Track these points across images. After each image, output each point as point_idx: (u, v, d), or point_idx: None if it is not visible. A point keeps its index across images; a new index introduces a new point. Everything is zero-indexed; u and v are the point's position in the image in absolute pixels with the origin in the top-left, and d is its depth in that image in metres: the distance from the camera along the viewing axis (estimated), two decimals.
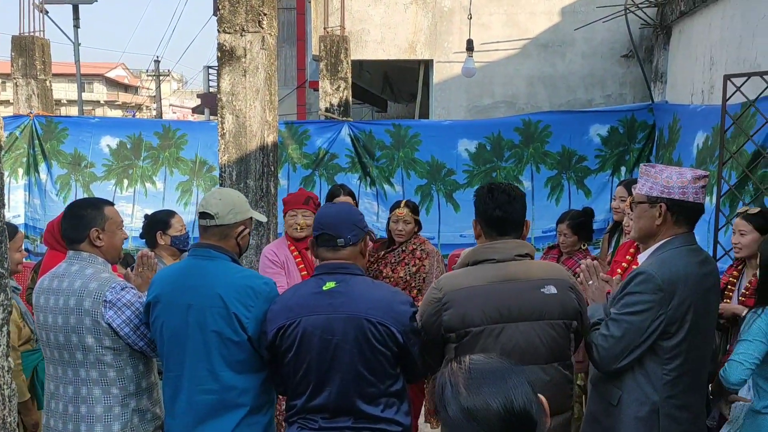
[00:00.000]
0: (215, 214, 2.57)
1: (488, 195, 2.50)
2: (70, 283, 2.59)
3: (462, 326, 2.35)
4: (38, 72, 8.10)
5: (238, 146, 4.39)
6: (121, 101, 50.91)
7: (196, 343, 2.48)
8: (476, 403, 1.27)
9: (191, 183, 7.32)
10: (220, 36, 4.34)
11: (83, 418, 2.58)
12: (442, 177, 7.20)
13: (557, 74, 8.55)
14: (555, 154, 7.12)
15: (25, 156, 7.28)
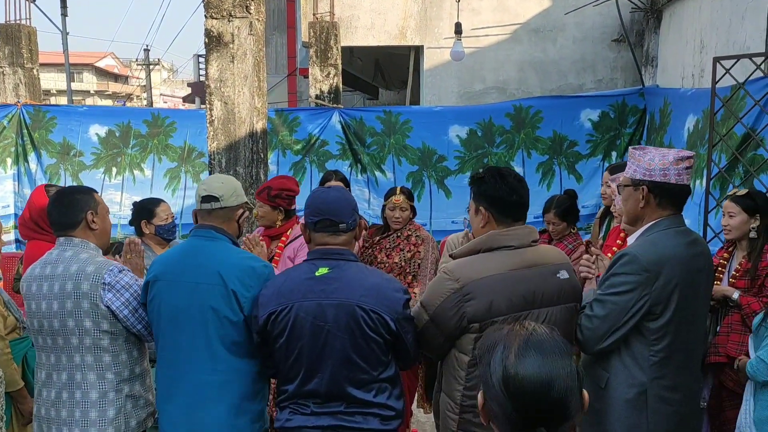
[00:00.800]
0: (220, 197, 2.62)
1: (501, 181, 2.41)
2: (66, 268, 2.58)
3: (488, 316, 2.27)
4: (25, 60, 8.02)
5: (227, 133, 4.37)
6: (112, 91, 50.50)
7: (194, 322, 2.49)
8: (518, 370, 1.24)
9: (179, 169, 7.29)
10: (207, 22, 4.30)
11: (77, 403, 2.57)
12: (433, 163, 7.19)
13: (548, 59, 8.53)
14: (546, 140, 7.12)
15: (13, 146, 7.22)
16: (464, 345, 2.34)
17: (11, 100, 7.86)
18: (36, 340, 2.68)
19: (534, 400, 1.23)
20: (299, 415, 2.37)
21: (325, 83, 8.07)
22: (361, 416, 2.33)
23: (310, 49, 8.22)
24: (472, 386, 2.33)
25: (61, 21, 18.21)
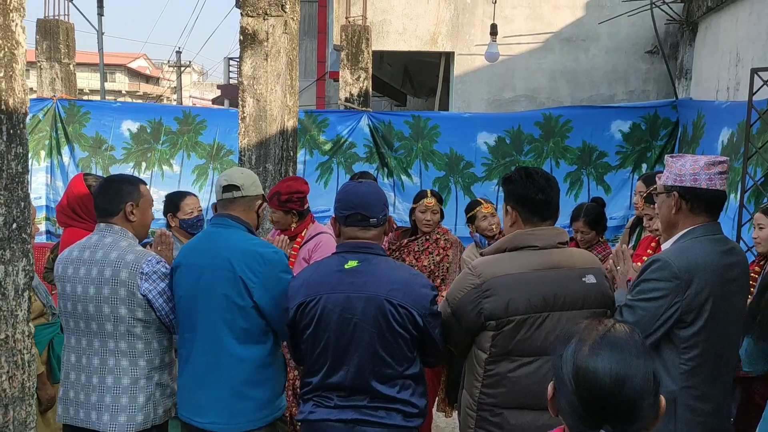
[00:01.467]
0: (241, 185, 2.67)
1: (527, 179, 2.41)
2: (105, 254, 2.62)
3: (505, 314, 2.27)
4: (62, 56, 8.18)
5: (258, 130, 4.40)
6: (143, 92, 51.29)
7: (205, 305, 2.54)
8: (589, 364, 1.22)
9: (207, 166, 7.36)
10: (243, 19, 4.35)
11: (108, 389, 2.60)
12: (460, 169, 7.16)
13: (580, 69, 8.47)
14: (575, 150, 7.06)
15: (47, 138, 7.35)
16: (482, 342, 2.33)
17: (47, 94, 8.01)
18: (67, 323, 2.71)
19: (602, 397, 1.21)
20: (322, 408, 2.37)
21: (355, 86, 8.10)
22: (384, 411, 2.32)
23: (341, 53, 8.26)
24: (489, 384, 2.33)
25: (98, 21, 18.55)
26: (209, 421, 2.54)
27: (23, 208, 1.84)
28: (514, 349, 2.29)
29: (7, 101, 1.74)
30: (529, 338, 2.28)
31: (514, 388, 2.30)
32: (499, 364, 2.31)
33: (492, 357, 2.31)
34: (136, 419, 2.60)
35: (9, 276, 1.80)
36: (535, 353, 2.29)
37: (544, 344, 2.29)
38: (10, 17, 1.72)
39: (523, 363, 2.29)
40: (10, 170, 1.77)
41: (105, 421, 2.58)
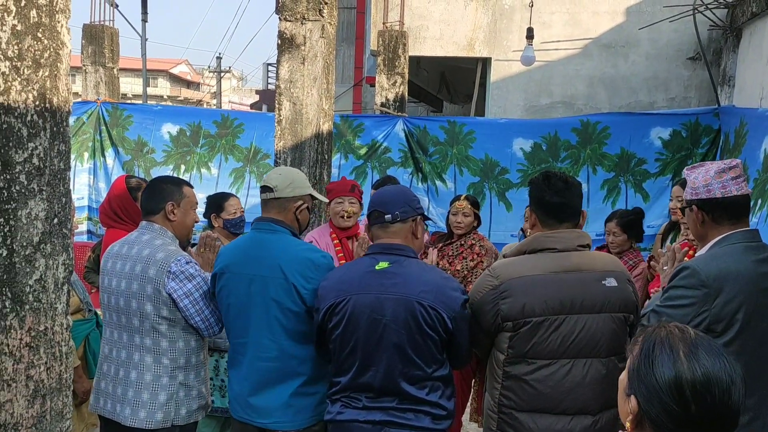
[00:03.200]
0: (274, 187, 2.66)
1: (544, 182, 2.43)
2: (139, 250, 2.67)
3: (521, 316, 2.28)
4: (107, 60, 8.39)
5: (294, 133, 4.45)
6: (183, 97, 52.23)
7: (258, 312, 2.54)
8: (696, 372, 1.20)
9: (244, 169, 7.46)
10: (281, 24, 4.41)
11: (132, 383, 2.64)
12: (495, 175, 7.13)
13: (619, 75, 8.36)
14: (613, 156, 6.96)
15: (90, 141, 7.54)
16: (500, 343, 2.34)
17: (92, 97, 8.22)
18: (105, 314, 2.78)
19: (714, 404, 1.19)
20: (351, 408, 2.38)
21: (391, 92, 8.12)
22: (412, 413, 2.32)
23: (378, 58, 8.30)
24: (508, 386, 2.33)
25: (141, 27, 18.99)
26: (273, 421, 2.55)
27: (64, 204, 1.89)
28: (531, 351, 2.28)
29: (51, 99, 1.80)
30: (546, 341, 2.27)
31: (531, 391, 2.29)
32: (517, 366, 2.31)
33: (509, 359, 2.31)
34: (156, 416, 2.61)
35: (49, 269, 1.85)
36: (552, 356, 2.28)
37: (561, 347, 2.27)
38: (56, 18, 1.78)
39: (541, 366, 2.28)
40: (53, 167, 1.82)
41: (126, 415, 2.62)
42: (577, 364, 2.28)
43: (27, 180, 1.75)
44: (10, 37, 1.67)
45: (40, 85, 1.76)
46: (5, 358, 1.74)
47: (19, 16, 1.69)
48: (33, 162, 1.76)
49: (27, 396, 1.82)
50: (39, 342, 1.84)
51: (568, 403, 2.28)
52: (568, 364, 2.28)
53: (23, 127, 1.73)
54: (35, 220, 1.79)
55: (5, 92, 1.68)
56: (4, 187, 1.69)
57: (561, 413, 2.28)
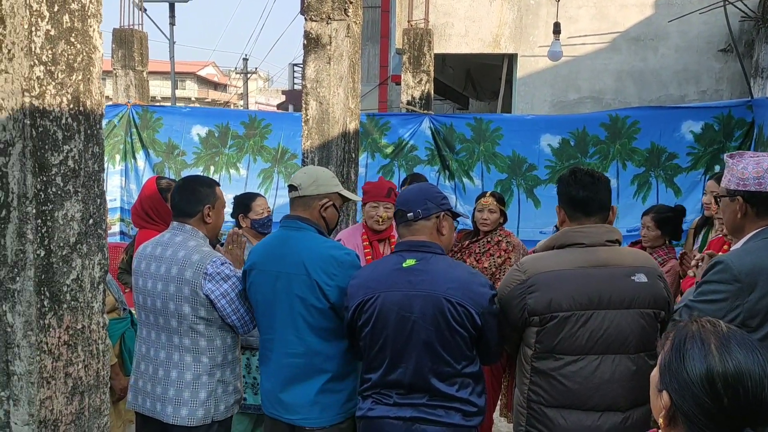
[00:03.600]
0: (298, 185, 2.69)
1: (571, 177, 2.43)
2: (174, 252, 2.71)
3: (547, 311, 2.27)
4: (136, 64, 8.53)
5: (321, 132, 4.47)
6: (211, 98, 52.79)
7: (283, 308, 2.57)
8: (728, 366, 1.20)
9: (273, 170, 7.52)
10: (306, 24, 4.43)
11: (173, 382, 2.68)
12: (522, 172, 7.07)
13: (648, 69, 8.24)
14: (643, 151, 6.85)
15: (122, 143, 7.68)
16: (528, 338, 2.33)
17: (122, 100, 8.37)
18: (139, 314, 2.82)
19: (749, 398, 1.18)
20: (382, 405, 2.38)
21: (417, 89, 8.12)
22: (443, 410, 2.32)
23: (404, 56, 8.30)
24: (537, 381, 2.32)
25: (169, 30, 19.26)
26: (301, 417, 2.57)
27: (99, 205, 1.93)
28: (558, 347, 2.27)
29: (84, 103, 1.84)
30: (574, 336, 2.25)
31: (559, 387, 2.28)
32: (545, 361, 2.30)
33: (537, 354, 2.31)
34: (197, 414, 2.66)
35: (86, 269, 1.89)
36: (580, 352, 2.26)
37: (589, 343, 2.26)
38: (88, 23, 1.82)
39: (569, 361, 2.27)
40: (87, 168, 1.86)
41: (168, 413, 2.67)
42: (606, 360, 2.26)
43: (63, 182, 1.79)
44: (44, 42, 1.72)
45: (73, 89, 1.80)
46: (45, 356, 1.79)
47: (53, 21, 1.73)
48: (68, 164, 1.80)
49: (66, 393, 1.86)
50: (77, 340, 1.88)
51: (597, 399, 2.26)
52: (596, 360, 2.26)
53: (58, 130, 1.77)
54: (71, 221, 1.83)
55: (40, 96, 1.72)
56: (41, 189, 1.73)
57: (590, 409, 2.27)
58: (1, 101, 1.67)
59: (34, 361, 1.77)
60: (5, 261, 1.73)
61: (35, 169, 1.71)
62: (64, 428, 1.87)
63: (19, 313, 1.75)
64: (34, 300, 1.75)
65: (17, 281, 1.74)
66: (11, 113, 1.67)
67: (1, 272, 1.73)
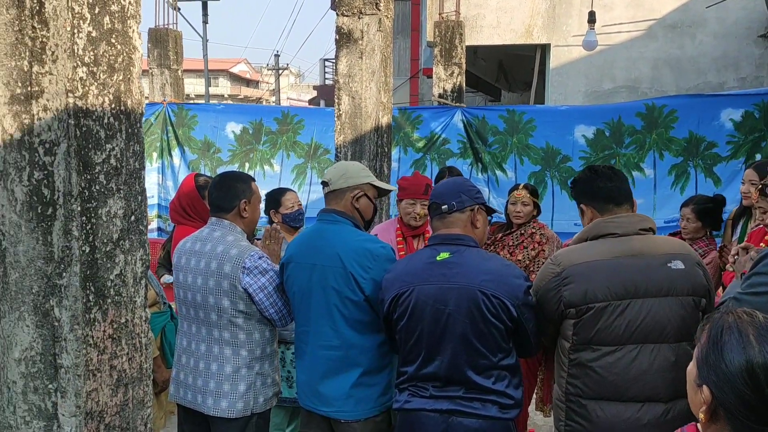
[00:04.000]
0: (329, 180, 2.74)
1: (591, 173, 2.47)
2: (213, 247, 2.76)
3: (583, 302, 2.26)
4: (171, 62, 8.67)
5: (354, 127, 4.49)
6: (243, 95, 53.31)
7: (319, 301, 2.61)
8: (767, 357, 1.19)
9: (306, 165, 7.58)
10: (338, 19, 4.45)
11: (213, 375, 2.74)
12: (556, 164, 7.00)
13: (685, 56, 8.07)
14: (681, 141, 6.72)
15: (158, 141, 7.82)
16: (565, 331, 2.33)
17: (158, 98, 8.51)
18: (180, 308, 2.88)
19: None
20: (418, 397, 2.40)
21: (449, 82, 8.08)
22: (479, 402, 2.32)
23: (435, 49, 8.27)
24: (574, 373, 2.31)
25: (203, 28, 19.49)
26: (335, 410, 2.60)
27: (140, 202, 1.98)
28: (596, 338, 2.26)
29: (125, 102, 1.88)
30: (611, 326, 2.24)
31: (597, 378, 2.26)
32: (582, 353, 2.29)
33: (574, 346, 2.30)
34: (237, 406, 2.71)
35: (128, 265, 1.94)
36: (618, 342, 2.25)
37: (626, 333, 2.24)
38: (128, 24, 1.86)
39: (606, 352, 2.25)
40: (129, 167, 1.91)
41: (209, 405, 2.73)
42: (644, 350, 2.24)
43: (106, 179, 1.84)
44: (86, 43, 1.76)
45: (115, 89, 1.85)
46: (90, 349, 1.84)
47: (94, 23, 1.78)
48: (111, 162, 1.85)
49: (111, 385, 1.91)
50: (121, 333, 1.93)
51: (636, 390, 2.24)
52: (635, 350, 2.24)
53: (101, 129, 1.82)
54: (114, 218, 1.88)
55: (83, 96, 1.76)
56: (85, 187, 1.78)
57: (629, 401, 2.25)
58: (46, 102, 1.72)
59: (81, 354, 1.82)
60: (52, 257, 1.78)
61: (79, 168, 1.76)
62: (109, 419, 1.93)
63: (66, 307, 1.80)
64: (80, 295, 1.80)
65: (64, 277, 1.79)
66: (56, 114, 1.72)
67: (49, 268, 1.79)
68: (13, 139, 1.76)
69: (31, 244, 1.79)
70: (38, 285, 1.80)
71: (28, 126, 1.74)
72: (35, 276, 1.80)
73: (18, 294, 1.82)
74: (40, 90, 1.73)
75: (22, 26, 1.71)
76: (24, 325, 1.83)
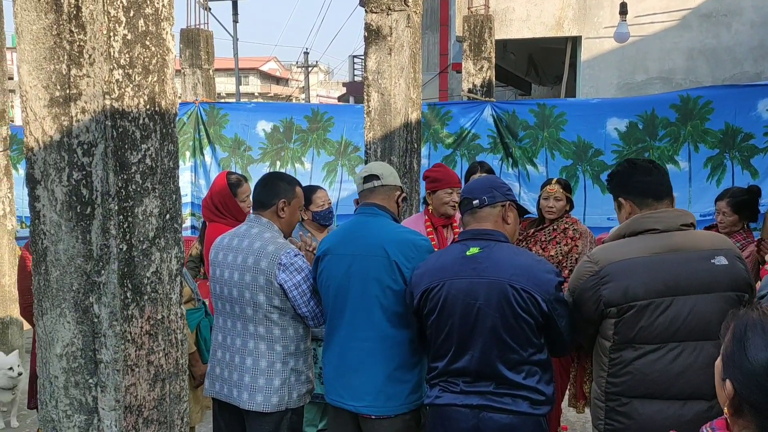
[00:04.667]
0: (381, 175, 2.78)
1: (631, 167, 2.42)
2: (250, 243, 2.80)
3: (624, 300, 2.22)
4: (203, 62, 8.78)
5: (383, 123, 4.50)
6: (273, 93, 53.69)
7: (356, 291, 2.63)
8: None
9: (336, 163, 7.62)
10: (367, 16, 4.46)
11: (248, 369, 2.78)
12: (588, 158, 6.92)
13: (721, 46, 7.89)
14: (717, 132, 6.60)
15: (191, 140, 7.94)
16: (605, 330, 2.29)
17: (190, 98, 8.63)
18: (216, 304, 2.93)
19: None
20: (449, 393, 2.40)
21: (478, 77, 8.04)
22: (510, 398, 2.32)
23: (464, 43, 8.23)
24: (614, 373, 2.28)
25: (233, 27, 19.68)
26: (365, 405, 2.62)
27: (174, 201, 2.01)
28: (638, 336, 2.22)
29: (160, 103, 1.92)
30: (653, 324, 2.20)
31: (639, 377, 2.23)
32: (623, 352, 2.25)
33: (615, 345, 2.26)
34: (272, 401, 2.74)
35: (164, 262, 1.97)
36: (660, 340, 2.21)
37: (669, 331, 2.20)
38: (162, 26, 1.89)
39: (648, 350, 2.22)
40: (164, 166, 1.94)
41: (245, 399, 2.77)
42: (687, 347, 2.20)
43: (141, 179, 1.87)
44: (121, 46, 1.80)
45: (149, 90, 1.89)
46: (128, 344, 1.88)
47: (129, 26, 1.81)
48: (146, 162, 1.88)
49: (148, 380, 1.96)
50: (157, 330, 1.97)
51: (679, 387, 2.20)
52: (678, 347, 2.20)
53: (136, 129, 1.85)
54: (150, 217, 1.92)
55: (119, 98, 1.80)
56: (122, 187, 1.82)
57: (672, 398, 2.21)
58: (84, 104, 1.77)
59: (119, 350, 1.86)
60: (91, 255, 1.82)
61: (116, 168, 1.80)
62: (147, 413, 1.97)
63: (105, 304, 1.85)
64: (118, 292, 1.84)
65: (102, 274, 1.83)
66: (93, 115, 1.77)
67: (88, 266, 1.83)
68: (53, 141, 1.80)
69: (71, 243, 1.83)
70: (78, 282, 1.85)
71: (67, 128, 1.78)
72: (75, 274, 1.85)
73: (59, 291, 1.87)
74: (78, 92, 1.77)
75: (60, 30, 1.75)
76: (65, 322, 1.88)
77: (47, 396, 1.96)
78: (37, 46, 1.78)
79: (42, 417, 1.99)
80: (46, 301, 1.90)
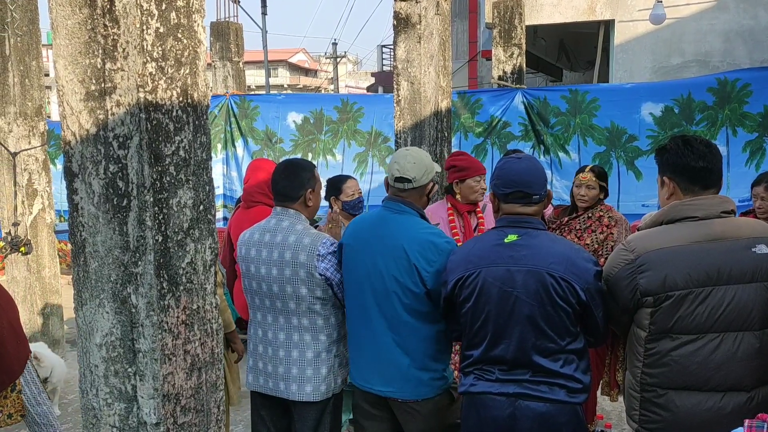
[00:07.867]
0: (413, 179, 2.68)
1: (685, 146, 2.28)
2: (284, 237, 2.81)
3: (662, 290, 2.16)
4: (233, 55, 8.84)
5: (413, 112, 4.48)
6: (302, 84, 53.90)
7: (378, 288, 2.62)
8: None
9: (367, 154, 7.63)
10: (396, 4, 4.43)
11: (294, 361, 2.81)
12: (622, 143, 6.81)
13: (760, 27, 7.66)
14: (756, 116, 6.42)
15: (222, 132, 8.02)
16: (641, 319, 2.24)
17: (221, 91, 8.71)
18: (252, 300, 2.93)
19: None
20: (484, 381, 2.38)
21: (508, 64, 7.95)
22: (546, 386, 2.29)
23: (494, 30, 8.13)
24: (650, 363, 2.22)
25: (262, 20, 19.78)
26: (394, 389, 2.64)
27: (208, 192, 2.03)
28: (675, 327, 2.16)
29: (192, 95, 1.93)
30: (692, 314, 2.14)
31: (676, 368, 2.17)
32: (660, 342, 2.19)
33: (652, 335, 2.21)
34: (320, 389, 2.79)
35: (199, 253, 2.00)
36: (699, 330, 2.15)
37: (708, 321, 2.14)
38: (193, 18, 1.91)
39: (686, 341, 2.16)
40: (197, 157, 1.96)
41: (294, 391, 2.80)
42: (727, 338, 2.14)
43: (176, 171, 1.89)
44: (154, 39, 1.82)
45: (182, 83, 1.90)
46: (165, 334, 1.91)
47: (161, 19, 1.83)
48: (180, 154, 1.90)
49: (185, 369, 1.99)
50: (193, 320, 2.00)
51: (718, 379, 2.15)
52: (717, 338, 2.14)
53: (170, 122, 1.87)
54: (184, 208, 1.94)
55: (153, 91, 1.82)
56: (156, 179, 1.84)
57: (710, 390, 2.16)
58: (119, 98, 1.79)
59: (157, 339, 1.89)
60: (128, 246, 1.85)
61: (151, 160, 1.82)
62: (185, 402, 2.00)
63: (142, 294, 1.88)
64: (155, 282, 1.87)
65: (139, 265, 1.86)
66: (128, 108, 1.79)
67: (125, 257, 1.86)
68: (89, 134, 1.83)
69: (108, 235, 1.87)
70: (116, 273, 1.88)
71: (102, 121, 1.81)
72: (113, 265, 1.88)
73: (98, 282, 1.91)
74: (113, 86, 1.79)
75: (94, 25, 1.77)
76: (104, 312, 1.91)
77: (88, 384, 2.00)
78: (72, 40, 1.81)
79: (83, 405, 2.03)
80: (86, 292, 1.94)
